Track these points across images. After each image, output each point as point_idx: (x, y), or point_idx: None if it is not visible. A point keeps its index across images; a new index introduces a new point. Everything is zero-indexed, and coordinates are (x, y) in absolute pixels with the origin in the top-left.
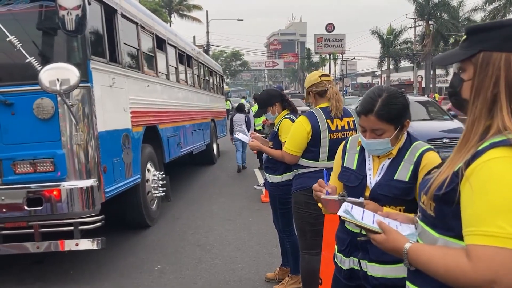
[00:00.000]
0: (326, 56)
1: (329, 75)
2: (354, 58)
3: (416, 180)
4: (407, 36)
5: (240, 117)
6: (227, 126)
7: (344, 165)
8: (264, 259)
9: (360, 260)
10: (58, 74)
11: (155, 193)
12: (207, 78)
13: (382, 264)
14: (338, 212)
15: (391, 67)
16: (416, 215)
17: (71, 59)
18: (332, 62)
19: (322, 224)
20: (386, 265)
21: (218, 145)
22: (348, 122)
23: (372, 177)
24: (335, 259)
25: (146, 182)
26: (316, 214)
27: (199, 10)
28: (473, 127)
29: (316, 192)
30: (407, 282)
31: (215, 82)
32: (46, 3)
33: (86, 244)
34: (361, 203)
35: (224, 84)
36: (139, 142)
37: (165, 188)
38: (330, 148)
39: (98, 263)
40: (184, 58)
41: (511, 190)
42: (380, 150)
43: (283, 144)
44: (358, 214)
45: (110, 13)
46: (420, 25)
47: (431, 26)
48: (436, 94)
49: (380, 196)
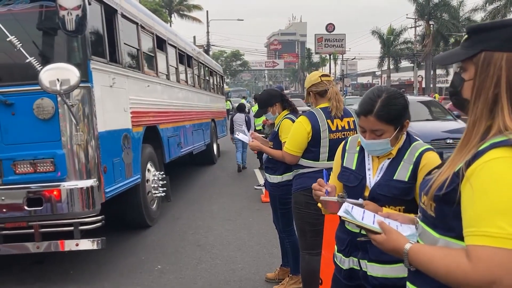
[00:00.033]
0: (326, 56)
1: (329, 75)
2: (354, 58)
3: (416, 180)
4: (407, 36)
5: (240, 117)
6: (227, 126)
7: (343, 165)
8: (264, 259)
9: (360, 260)
10: (58, 74)
11: (155, 193)
12: (207, 78)
13: (382, 264)
14: (339, 213)
15: (391, 67)
16: (417, 216)
17: (71, 59)
18: (332, 62)
19: (322, 224)
20: (385, 265)
21: (218, 145)
22: (348, 122)
23: (372, 177)
24: (334, 259)
25: (146, 182)
26: (316, 214)
27: (199, 10)
28: (474, 127)
29: (316, 192)
30: (408, 283)
31: (215, 82)
32: (46, 3)
33: (86, 244)
34: (360, 205)
35: (224, 84)
36: (139, 142)
37: (165, 188)
38: (330, 148)
39: (98, 263)
40: (184, 58)
41: None
42: (379, 150)
43: (283, 144)
44: (359, 215)
45: (110, 13)
46: (420, 25)
47: (432, 26)
48: (436, 94)
49: (380, 196)
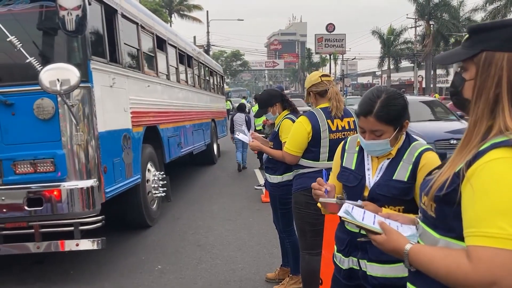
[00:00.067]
0: (326, 56)
1: (329, 75)
2: (354, 58)
3: (415, 180)
4: (407, 36)
5: (240, 116)
6: (227, 126)
7: (343, 165)
8: (265, 259)
9: (359, 260)
10: (58, 74)
11: (155, 193)
12: (207, 78)
13: (381, 263)
14: (339, 213)
15: (392, 67)
16: (417, 216)
17: (71, 59)
18: (332, 62)
19: (322, 224)
20: (385, 264)
21: (218, 145)
22: (348, 122)
23: (371, 177)
24: (334, 259)
25: (147, 182)
26: (316, 214)
27: (199, 10)
28: (475, 127)
29: (315, 191)
30: (408, 284)
31: (215, 82)
32: (46, 4)
33: (87, 244)
34: (360, 206)
35: (224, 84)
36: (139, 142)
37: (165, 188)
38: (330, 148)
39: (98, 263)
40: (184, 58)
41: None
42: (379, 151)
43: (284, 144)
44: (359, 215)
45: (110, 13)
46: (420, 25)
47: (432, 26)
48: (436, 94)
49: (379, 196)
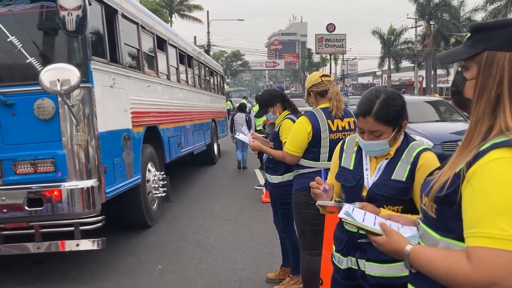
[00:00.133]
0: (327, 56)
1: (329, 75)
2: (355, 58)
3: (413, 180)
4: (408, 36)
5: (241, 116)
6: (227, 126)
7: (341, 165)
8: (265, 260)
9: (358, 260)
10: (58, 74)
11: (155, 193)
12: (207, 78)
13: (380, 263)
14: (339, 214)
15: (392, 67)
16: (418, 217)
17: (71, 60)
18: (333, 62)
19: (322, 224)
20: (383, 264)
21: (218, 145)
22: (348, 122)
23: (370, 177)
24: (333, 259)
25: (147, 183)
26: (317, 215)
27: (199, 10)
28: (476, 127)
29: (314, 190)
30: (409, 285)
31: (215, 82)
32: (46, 4)
33: (87, 244)
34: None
35: (225, 84)
36: (139, 142)
37: (165, 189)
38: (330, 148)
39: (98, 263)
40: (184, 58)
41: None
42: (378, 151)
43: (284, 145)
44: (359, 216)
45: (110, 13)
46: (421, 25)
47: (432, 26)
48: (436, 94)
49: (377, 196)
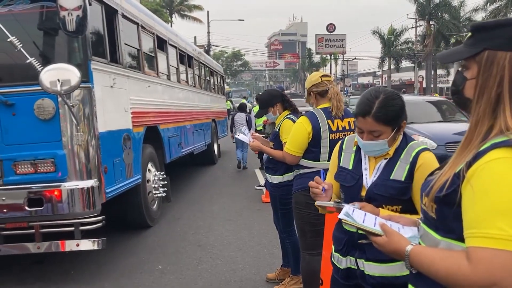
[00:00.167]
0: (327, 56)
1: (329, 76)
2: (355, 58)
3: (412, 179)
4: (408, 36)
5: (241, 116)
6: (228, 126)
7: (340, 165)
8: (265, 260)
9: (357, 259)
10: (59, 74)
11: (155, 193)
12: (208, 78)
13: (379, 262)
14: (339, 215)
15: (392, 67)
16: (419, 217)
17: (71, 60)
18: (333, 62)
19: (322, 224)
20: (383, 263)
21: (219, 145)
22: (348, 122)
23: (368, 177)
24: (332, 259)
25: (147, 183)
26: (317, 215)
27: (200, 10)
28: (476, 127)
29: (313, 189)
30: (409, 285)
31: (216, 82)
32: (46, 4)
33: (87, 244)
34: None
35: (225, 84)
36: (140, 142)
37: (165, 189)
38: (330, 148)
39: (98, 263)
40: (185, 59)
41: None
42: (377, 151)
43: (284, 145)
44: (360, 217)
45: (110, 13)
46: (421, 25)
47: (432, 26)
48: (436, 94)
49: (377, 196)
